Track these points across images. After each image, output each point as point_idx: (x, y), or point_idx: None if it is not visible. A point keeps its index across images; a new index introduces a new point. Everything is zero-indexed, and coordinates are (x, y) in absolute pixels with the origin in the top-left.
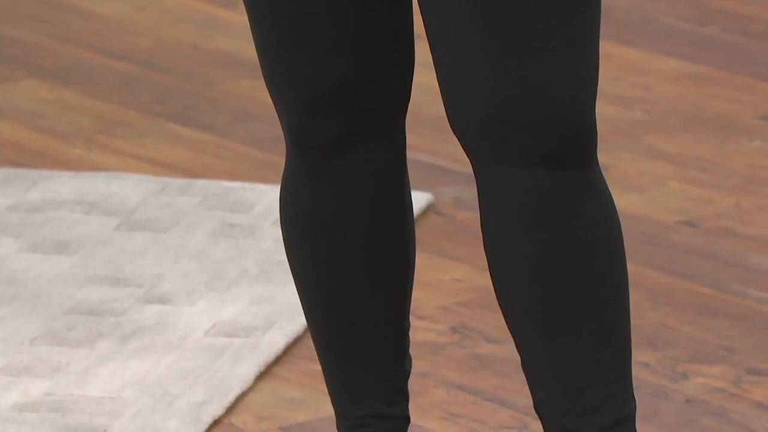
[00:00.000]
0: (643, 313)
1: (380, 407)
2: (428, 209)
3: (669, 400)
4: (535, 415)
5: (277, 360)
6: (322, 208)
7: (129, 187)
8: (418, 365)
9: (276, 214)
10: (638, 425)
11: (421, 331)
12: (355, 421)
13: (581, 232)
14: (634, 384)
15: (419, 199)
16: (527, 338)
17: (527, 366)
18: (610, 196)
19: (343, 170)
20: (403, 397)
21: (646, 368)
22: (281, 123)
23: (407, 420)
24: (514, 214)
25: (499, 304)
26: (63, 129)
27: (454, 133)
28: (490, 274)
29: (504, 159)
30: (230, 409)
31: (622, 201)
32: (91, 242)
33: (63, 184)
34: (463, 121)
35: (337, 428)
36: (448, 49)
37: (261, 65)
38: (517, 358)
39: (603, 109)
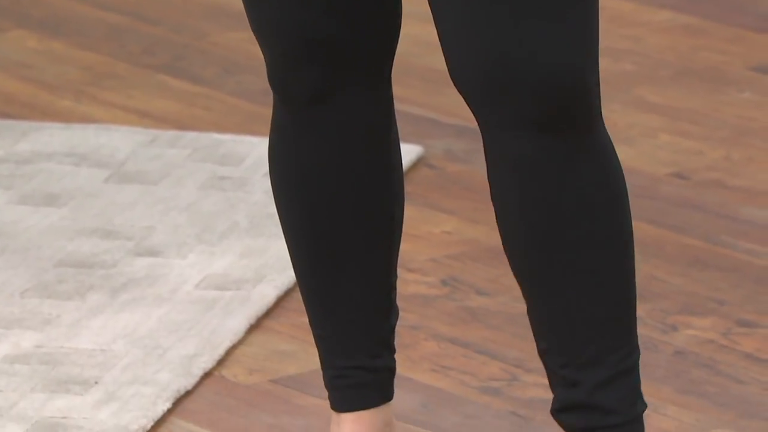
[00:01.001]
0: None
1: (363, 359)
2: (418, 162)
3: (658, 352)
4: (526, 367)
5: (268, 313)
6: (304, 159)
7: (119, 139)
8: (408, 318)
9: (265, 166)
10: None
11: (411, 284)
12: (338, 371)
13: (578, 194)
14: None
15: (409, 152)
16: (528, 290)
17: (530, 315)
18: (614, 158)
19: (325, 121)
20: (388, 349)
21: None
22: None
23: (391, 372)
24: (514, 174)
25: (505, 252)
26: (52, 80)
27: (458, 89)
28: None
29: (502, 119)
30: (221, 362)
31: None
32: (81, 194)
33: (52, 136)
34: (461, 78)
35: (323, 378)
36: (448, 6)
37: (246, 15)
38: (508, 310)
39: None
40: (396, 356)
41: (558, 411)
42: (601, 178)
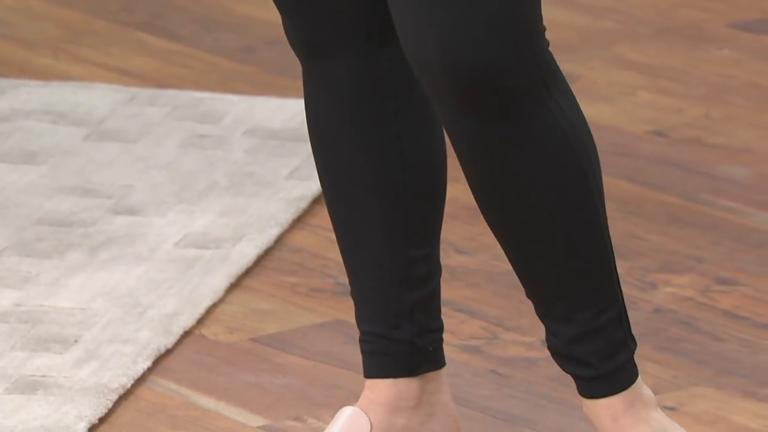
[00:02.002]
0: (612, 224)
1: (382, 327)
2: None
3: (638, 310)
4: (506, 326)
5: (248, 272)
6: (315, 114)
7: (97, 97)
8: None
9: (245, 125)
10: None
11: None
12: (363, 335)
13: (518, 174)
14: None
15: None
16: (501, 245)
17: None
18: (562, 138)
19: (323, 79)
20: (409, 322)
21: None
22: None
23: (411, 345)
24: (457, 149)
25: None
26: (30, 37)
27: None
28: None
29: (432, 98)
30: (201, 321)
31: (592, 111)
32: (59, 152)
33: (30, 94)
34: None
35: None
36: None
37: None
38: (488, 269)
39: (573, 19)
40: None
41: (550, 353)
42: (542, 160)
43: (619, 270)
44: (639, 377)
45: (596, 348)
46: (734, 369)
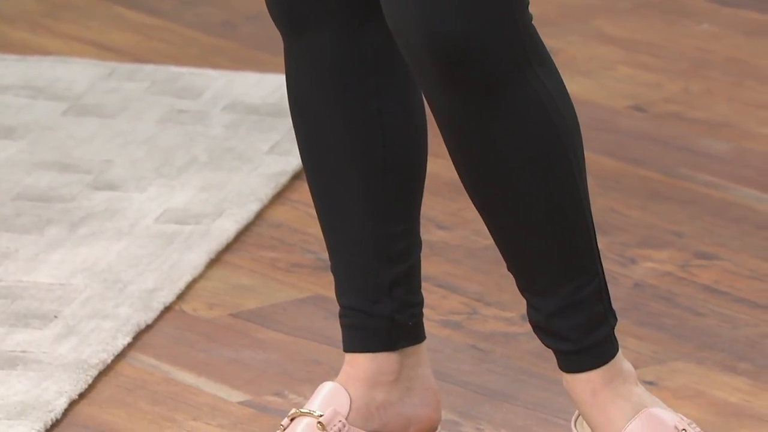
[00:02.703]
0: (591, 199)
1: (362, 302)
2: None
3: (617, 285)
4: (486, 301)
5: (228, 247)
6: (295, 89)
7: (76, 72)
8: None
9: (225, 100)
10: None
11: None
12: (342, 310)
13: (498, 148)
14: None
15: None
16: (483, 219)
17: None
18: (542, 112)
19: (303, 55)
20: (388, 297)
21: None
22: None
23: (391, 320)
24: (438, 122)
25: None
26: (7, 11)
27: None
28: None
29: (414, 71)
30: (181, 296)
31: (571, 86)
32: (38, 127)
33: (8, 68)
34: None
35: None
36: None
37: None
38: (468, 244)
39: None
40: None
41: (531, 327)
42: (523, 135)
43: (599, 245)
44: (619, 352)
45: (576, 322)
46: (714, 343)
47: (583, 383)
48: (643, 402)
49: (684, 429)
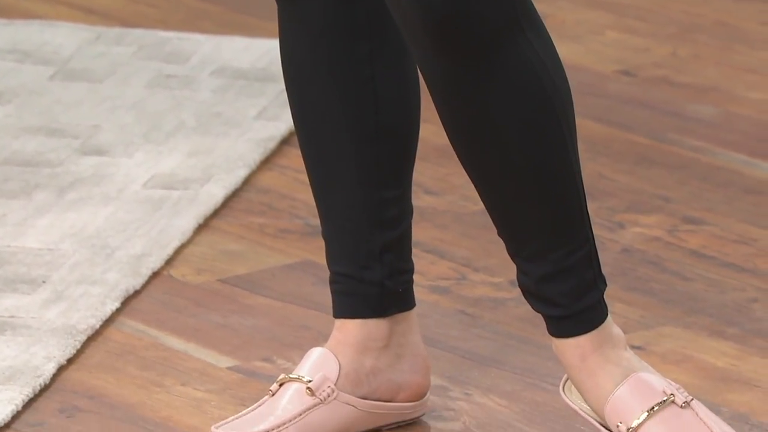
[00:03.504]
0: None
1: (352, 268)
2: None
3: (605, 250)
4: (474, 267)
5: (216, 213)
6: (290, 52)
7: (63, 36)
8: None
9: (213, 65)
10: None
11: None
12: (332, 275)
13: (491, 114)
14: None
15: None
16: (474, 183)
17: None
18: (535, 76)
19: (305, 16)
20: (378, 263)
21: None
22: None
23: (381, 286)
24: (430, 89)
25: None
26: None
27: None
28: None
29: (407, 38)
30: (169, 262)
31: (560, 50)
32: (25, 92)
33: None
34: None
35: None
36: None
37: None
38: (456, 210)
39: None
40: None
41: (521, 291)
42: (514, 100)
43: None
44: (609, 317)
45: (566, 287)
46: (701, 308)
47: (573, 348)
48: (632, 367)
49: (672, 394)
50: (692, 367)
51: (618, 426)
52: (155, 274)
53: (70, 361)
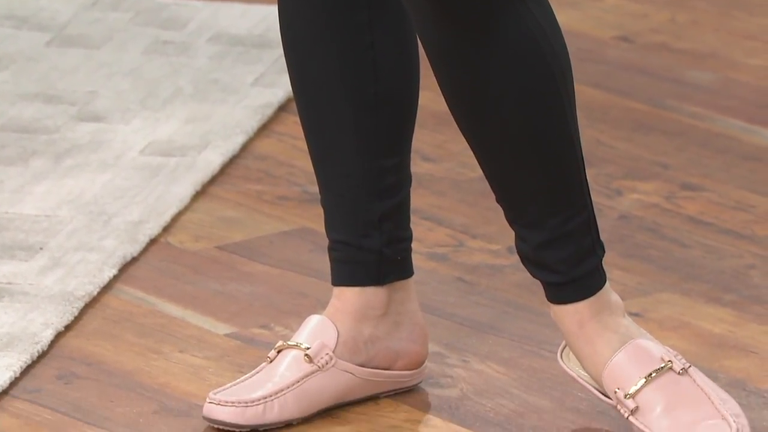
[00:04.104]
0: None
1: (351, 236)
2: None
3: (603, 217)
4: (472, 233)
5: (213, 179)
6: (290, 19)
7: (60, 2)
8: None
9: (210, 31)
10: None
11: None
12: (331, 243)
13: (490, 81)
14: None
15: None
16: (473, 150)
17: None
18: (532, 44)
19: None
20: (377, 231)
21: None
22: None
23: (380, 254)
24: (430, 57)
25: None
26: None
27: None
28: None
29: (409, 6)
30: (167, 229)
31: (558, 17)
32: (22, 58)
33: None
34: None
35: None
36: None
37: None
38: (454, 176)
39: None
40: None
41: (520, 258)
42: (513, 67)
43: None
44: (607, 284)
45: (564, 254)
46: (699, 275)
47: (571, 315)
48: (630, 333)
49: (670, 360)
50: (689, 334)
51: (615, 392)
52: (153, 241)
53: (68, 327)
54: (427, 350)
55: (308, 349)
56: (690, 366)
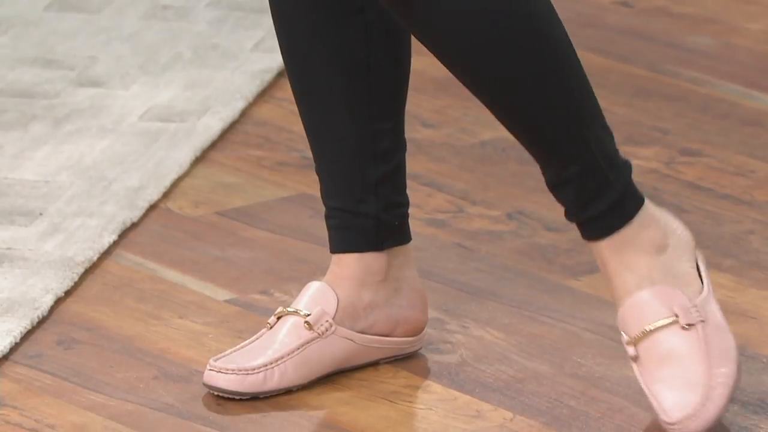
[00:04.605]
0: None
1: (348, 202)
2: None
3: None
4: (471, 199)
5: (213, 145)
6: None
7: None
8: None
9: None
10: None
11: None
12: (328, 211)
13: (482, 29)
14: None
15: None
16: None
17: None
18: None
19: None
20: (374, 196)
21: None
22: None
23: (377, 219)
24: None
25: None
26: None
27: None
28: None
29: None
30: (166, 194)
31: None
32: (21, 22)
33: None
34: None
35: None
36: None
37: None
38: (453, 142)
39: None
40: None
41: None
42: (493, 16)
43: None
44: (639, 220)
45: (569, 197)
46: (698, 240)
47: (594, 252)
48: (651, 277)
49: (676, 315)
50: None
51: (622, 336)
52: (152, 207)
53: (68, 293)
54: (427, 317)
55: (308, 315)
56: (701, 321)
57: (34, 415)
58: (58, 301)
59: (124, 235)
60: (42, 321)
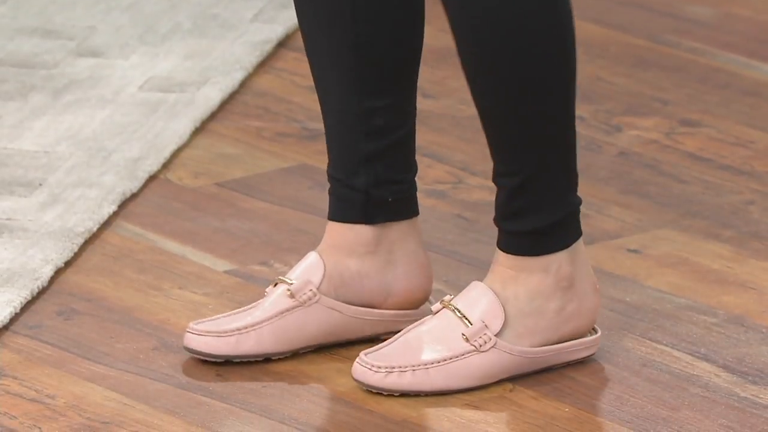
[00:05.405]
0: (578, 66)
1: (343, 172)
2: None
3: (602, 153)
4: (471, 170)
5: (213, 116)
6: None
7: None
8: None
9: None
10: None
11: None
12: (329, 178)
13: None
14: None
15: None
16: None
17: None
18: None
19: None
20: (364, 170)
21: (580, 121)
22: None
23: (366, 194)
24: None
25: None
26: None
27: None
28: None
29: None
30: (166, 165)
31: None
32: None
33: None
34: None
35: None
36: None
37: None
38: (453, 113)
39: None
40: None
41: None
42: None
43: (583, 113)
44: (542, 260)
45: (500, 200)
46: (697, 211)
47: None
48: (512, 299)
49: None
50: (688, 270)
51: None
52: (152, 178)
53: (68, 264)
54: (427, 291)
55: (292, 284)
56: (479, 346)
57: (34, 385)
58: (58, 272)
59: (123, 205)
60: (42, 292)
